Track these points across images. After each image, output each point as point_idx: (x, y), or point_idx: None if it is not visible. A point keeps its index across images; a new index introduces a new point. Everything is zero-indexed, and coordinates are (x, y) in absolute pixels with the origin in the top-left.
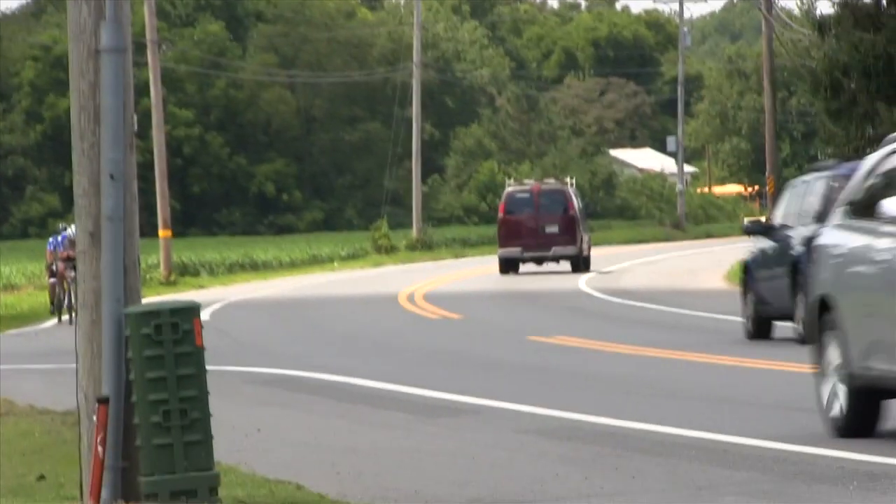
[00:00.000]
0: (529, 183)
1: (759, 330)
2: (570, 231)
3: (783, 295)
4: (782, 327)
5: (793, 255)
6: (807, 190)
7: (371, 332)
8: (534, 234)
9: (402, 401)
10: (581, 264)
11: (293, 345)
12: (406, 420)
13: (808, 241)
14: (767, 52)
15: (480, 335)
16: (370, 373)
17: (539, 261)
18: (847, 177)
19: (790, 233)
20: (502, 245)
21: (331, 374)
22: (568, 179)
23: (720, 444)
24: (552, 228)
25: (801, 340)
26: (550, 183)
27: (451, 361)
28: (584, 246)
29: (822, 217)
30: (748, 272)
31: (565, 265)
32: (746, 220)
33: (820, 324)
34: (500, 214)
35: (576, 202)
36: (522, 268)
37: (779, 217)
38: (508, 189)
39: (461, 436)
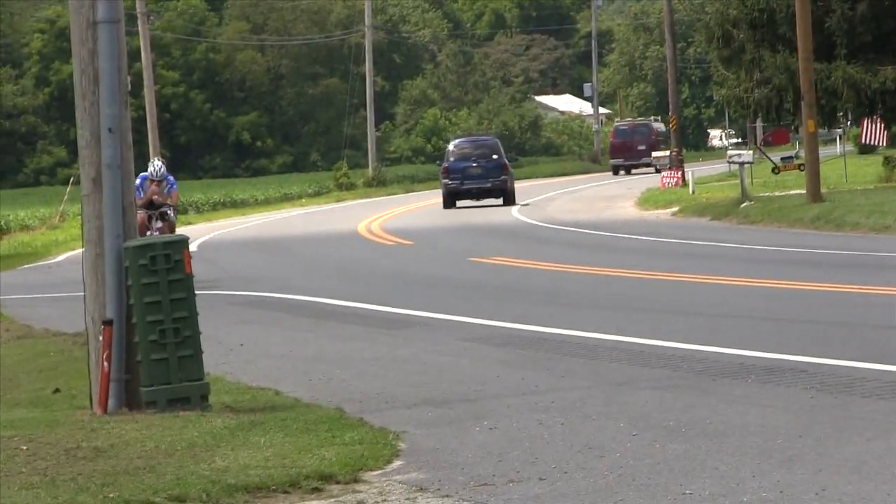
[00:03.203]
0: (628, 120)
1: (448, 204)
2: (651, 148)
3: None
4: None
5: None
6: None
7: (336, 258)
8: (630, 150)
9: (364, 316)
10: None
11: (270, 270)
12: (368, 333)
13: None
14: (668, 9)
15: (429, 258)
16: (336, 293)
17: (634, 167)
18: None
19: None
20: (612, 157)
21: (302, 294)
22: (652, 118)
23: (637, 345)
24: (641, 147)
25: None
26: (640, 120)
27: (404, 281)
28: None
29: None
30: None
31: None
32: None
33: None
34: (611, 139)
35: (656, 131)
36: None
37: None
38: (616, 123)
39: (414, 345)
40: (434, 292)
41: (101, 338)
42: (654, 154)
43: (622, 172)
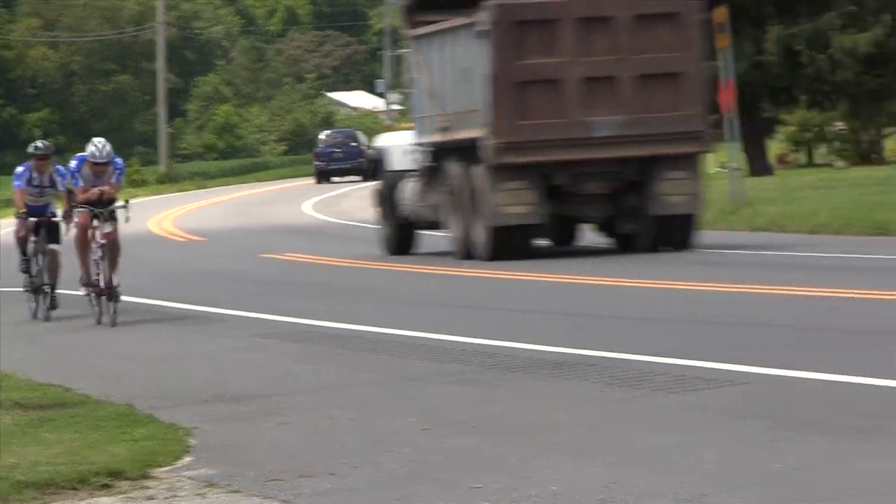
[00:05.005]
0: None
1: (320, 180)
2: None
3: None
4: None
5: None
6: None
7: (128, 255)
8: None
9: (157, 312)
10: None
11: (62, 267)
12: (160, 329)
13: None
14: None
15: (222, 255)
16: (128, 290)
17: None
18: None
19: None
20: None
21: None
22: None
23: (428, 340)
24: None
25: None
26: None
27: (198, 277)
28: None
29: None
30: None
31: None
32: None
33: None
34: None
35: None
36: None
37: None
38: None
39: (207, 341)
40: (227, 288)
41: None
42: None
43: None
